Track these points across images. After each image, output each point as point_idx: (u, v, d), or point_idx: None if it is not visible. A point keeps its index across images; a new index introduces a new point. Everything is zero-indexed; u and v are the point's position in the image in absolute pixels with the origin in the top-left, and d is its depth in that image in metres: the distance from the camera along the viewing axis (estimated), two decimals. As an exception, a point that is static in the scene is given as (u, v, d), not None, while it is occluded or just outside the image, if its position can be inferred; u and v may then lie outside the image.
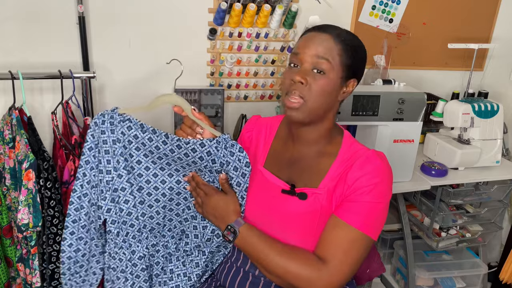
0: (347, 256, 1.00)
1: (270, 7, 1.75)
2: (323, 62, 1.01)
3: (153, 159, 1.12)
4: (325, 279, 0.99)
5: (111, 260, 1.19)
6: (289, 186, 1.09)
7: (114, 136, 1.09)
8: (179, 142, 1.09)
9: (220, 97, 1.87)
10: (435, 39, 2.16)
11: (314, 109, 1.04)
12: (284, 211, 1.08)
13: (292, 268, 1.01)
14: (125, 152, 1.10)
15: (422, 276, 2.04)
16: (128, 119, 1.08)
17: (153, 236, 1.21)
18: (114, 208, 1.15)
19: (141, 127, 1.09)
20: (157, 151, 1.10)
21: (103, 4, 1.66)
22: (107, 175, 1.12)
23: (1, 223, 1.51)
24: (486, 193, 1.95)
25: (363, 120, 1.58)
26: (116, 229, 1.16)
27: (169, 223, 1.21)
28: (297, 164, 1.12)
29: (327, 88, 1.02)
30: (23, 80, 1.44)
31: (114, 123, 1.08)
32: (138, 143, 1.10)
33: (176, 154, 1.10)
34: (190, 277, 1.22)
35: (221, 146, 1.09)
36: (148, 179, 1.14)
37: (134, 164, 1.12)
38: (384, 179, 1.04)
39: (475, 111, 1.82)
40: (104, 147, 1.10)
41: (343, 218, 1.01)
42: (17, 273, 1.54)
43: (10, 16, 1.57)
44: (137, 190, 1.15)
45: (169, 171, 1.15)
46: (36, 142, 1.44)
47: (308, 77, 1.01)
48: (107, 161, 1.11)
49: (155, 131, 1.09)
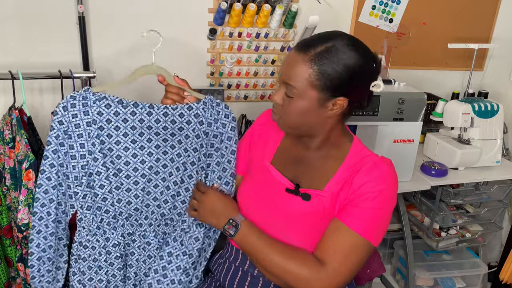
0: (347, 260, 1.00)
1: (270, 7, 1.75)
2: (291, 88, 1.01)
3: (133, 137, 1.09)
4: (324, 280, 0.99)
5: (82, 250, 1.15)
6: (294, 186, 1.09)
7: (89, 117, 1.05)
8: (166, 109, 1.09)
9: (220, 97, 1.87)
10: (435, 39, 2.16)
11: (294, 126, 1.06)
12: (286, 210, 1.08)
13: (291, 268, 1.01)
14: (101, 134, 1.06)
15: (422, 276, 2.04)
16: (104, 97, 1.05)
17: (130, 225, 1.16)
18: (89, 193, 1.11)
19: (120, 103, 1.06)
20: (140, 125, 1.08)
21: (103, 4, 1.66)
22: (81, 160, 1.08)
23: (1, 223, 1.50)
24: (486, 193, 1.95)
25: (363, 120, 1.58)
26: (91, 215, 1.12)
27: (145, 209, 1.16)
28: (304, 164, 1.12)
29: (299, 110, 1.02)
30: (23, 80, 1.44)
31: (88, 104, 1.04)
32: (118, 120, 1.06)
33: (162, 123, 1.10)
34: (191, 254, 1.19)
35: (207, 106, 1.14)
36: (127, 161, 1.10)
37: (112, 145, 1.08)
38: (390, 186, 1.04)
39: (475, 111, 1.82)
40: (77, 131, 1.05)
41: (345, 222, 1.01)
42: (17, 273, 1.54)
43: (10, 16, 1.57)
44: (113, 174, 1.10)
45: (149, 149, 1.11)
46: (36, 142, 1.43)
47: (281, 99, 1.04)
48: (80, 145, 1.07)
49: (137, 104, 1.07)
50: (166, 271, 1.18)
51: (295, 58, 1.01)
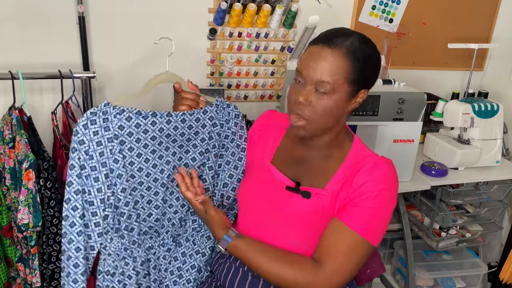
0: (346, 260, 1.00)
1: (270, 7, 1.75)
2: (323, 84, 0.98)
3: (153, 147, 1.08)
4: (323, 282, 0.99)
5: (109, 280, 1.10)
6: (294, 184, 1.09)
7: (110, 133, 1.02)
8: (184, 115, 1.11)
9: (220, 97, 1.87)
10: (435, 39, 2.16)
11: (318, 128, 1.04)
12: (286, 208, 1.08)
13: (288, 275, 1.01)
14: (122, 149, 1.04)
15: (422, 276, 2.04)
16: (123, 110, 1.03)
17: (149, 238, 1.16)
18: (112, 213, 1.07)
19: (139, 114, 1.05)
20: (160, 134, 1.08)
21: (103, 4, 1.66)
22: (106, 180, 1.04)
23: (1, 223, 1.50)
24: (486, 193, 1.95)
25: (363, 120, 1.58)
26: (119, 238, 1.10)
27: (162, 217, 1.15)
28: (304, 163, 1.12)
29: (331, 107, 1.00)
30: (23, 80, 1.44)
31: (109, 119, 1.02)
32: (139, 132, 1.05)
33: (180, 130, 1.11)
34: (204, 252, 1.21)
35: (219, 108, 1.18)
36: (148, 172, 1.09)
37: (134, 158, 1.06)
38: (390, 186, 1.03)
39: (475, 111, 1.82)
40: (99, 150, 1.02)
41: (344, 221, 1.01)
42: (17, 273, 1.54)
43: (10, 16, 1.57)
44: (132, 189, 1.08)
45: (166, 158, 1.11)
46: (36, 142, 1.44)
47: (311, 98, 0.99)
48: (102, 164, 1.03)
49: (155, 114, 1.06)
50: (181, 272, 1.19)
51: (325, 53, 0.97)
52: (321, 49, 0.98)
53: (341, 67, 0.97)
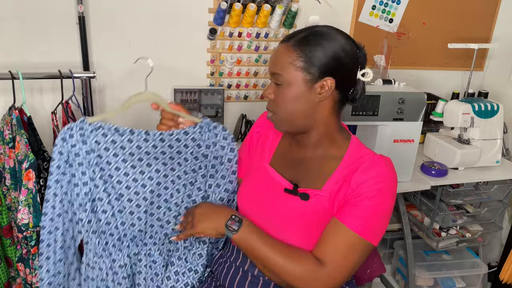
0: (345, 260, 1.00)
1: (270, 7, 1.75)
2: (278, 76, 1.04)
3: (132, 163, 1.11)
4: (322, 280, 0.99)
5: (90, 270, 1.17)
6: (292, 186, 1.09)
7: (87, 146, 1.07)
8: (162, 135, 1.10)
9: (220, 97, 1.87)
10: (435, 39, 2.16)
11: (287, 118, 1.06)
12: (285, 210, 1.08)
13: (290, 269, 1.01)
14: (100, 161, 1.09)
15: (422, 276, 2.05)
16: (100, 126, 1.07)
17: (135, 245, 1.18)
18: (94, 218, 1.13)
19: (117, 131, 1.08)
20: (138, 151, 1.10)
21: (103, 4, 1.66)
22: (84, 187, 1.10)
23: (1, 223, 1.51)
24: (486, 193, 1.95)
25: (363, 120, 1.58)
26: (97, 239, 1.15)
27: (150, 229, 1.19)
28: (302, 164, 1.12)
29: (290, 96, 1.03)
30: (23, 80, 1.44)
31: (84, 134, 1.06)
32: (116, 148, 1.08)
33: (160, 148, 1.11)
34: (196, 270, 1.21)
35: (204, 130, 1.15)
36: (127, 185, 1.12)
37: (112, 171, 1.10)
38: (388, 185, 1.03)
39: (475, 111, 1.82)
40: (77, 160, 1.07)
41: (343, 221, 1.01)
42: (17, 273, 1.54)
43: (10, 16, 1.57)
44: (115, 199, 1.12)
45: (149, 174, 1.13)
46: (36, 142, 1.44)
47: (272, 91, 1.07)
48: (82, 173, 1.09)
49: (133, 132, 1.09)
50: None
51: (279, 48, 1.05)
52: (280, 45, 1.06)
53: (289, 56, 1.02)
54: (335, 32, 1.04)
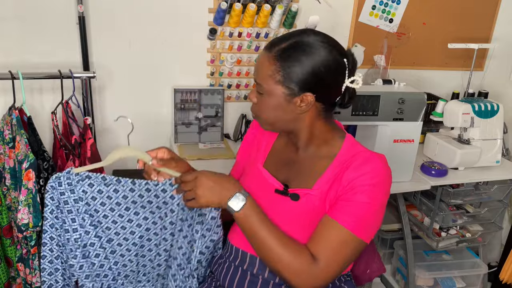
0: (337, 256, 1.00)
1: (270, 7, 1.75)
2: (259, 86, 1.05)
3: (120, 212, 1.12)
4: (313, 275, 0.99)
5: None
6: (283, 186, 1.09)
7: (75, 195, 1.08)
8: (148, 185, 1.11)
9: (220, 97, 1.87)
10: (435, 39, 2.16)
11: (269, 123, 1.09)
12: (277, 211, 1.08)
13: (284, 257, 1.00)
14: (89, 209, 1.10)
15: (422, 276, 2.05)
16: (87, 176, 1.08)
17: (129, 282, 1.20)
18: (86, 263, 1.14)
19: (103, 180, 1.09)
20: (125, 201, 1.11)
21: (103, 4, 1.66)
22: (74, 233, 1.11)
23: (1, 223, 1.51)
24: (486, 193, 1.95)
25: (363, 120, 1.58)
26: (91, 283, 1.16)
27: (143, 269, 1.20)
28: (295, 165, 1.12)
29: (270, 106, 1.04)
30: (23, 80, 1.44)
31: (72, 183, 1.07)
32: (103, 197, 1.10)
33: (146, 198, 1.12)
34: None
35: None
36: (116, 231, 1.14)
37: (100, 218, 1.12)
38: (381, 181, 1.02)
39: (475, 111, 1.82)
40: (67, 207, 1.09)
41: (335, 218, 1.01)
42: (17, 273, 1.54)
43: (10, 16, 1.57)
44: (107, 241, 1.14)
45: (137, 221, 1.14)
46: (36, 142, 1.44)
47: (254, 97, 1.08)
48: (71, 220, 1.10)
49: (119, 181, 1.09)
50: None
51: (262, 57, 1.05)
52: (261, 53, 1.06)
53: (269, 68, 1.01)
54: (320, 43, 0.99)
